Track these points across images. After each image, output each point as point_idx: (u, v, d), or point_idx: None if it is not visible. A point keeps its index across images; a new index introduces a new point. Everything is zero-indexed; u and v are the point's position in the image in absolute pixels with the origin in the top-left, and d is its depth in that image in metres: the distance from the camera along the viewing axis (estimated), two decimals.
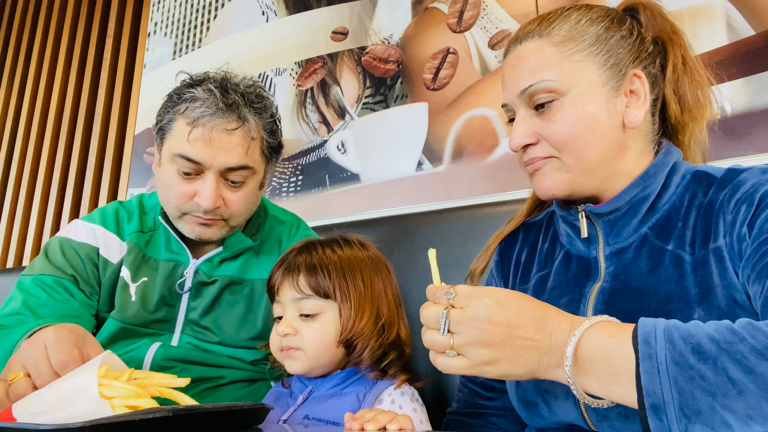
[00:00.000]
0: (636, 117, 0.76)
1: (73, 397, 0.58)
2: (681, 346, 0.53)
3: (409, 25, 1.73)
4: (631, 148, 0.77)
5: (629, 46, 0.77)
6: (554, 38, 0.76)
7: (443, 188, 1.57)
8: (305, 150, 1.87)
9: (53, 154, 2.60)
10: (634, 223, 0.76)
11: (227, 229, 1.08)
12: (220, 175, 1.02)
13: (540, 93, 0.75)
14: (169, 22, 2.36)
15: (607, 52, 0.75)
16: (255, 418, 0.69)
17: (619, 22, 0.78)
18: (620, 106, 0.75)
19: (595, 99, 0.74)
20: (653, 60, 0.79)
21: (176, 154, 1.01)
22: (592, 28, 0.76)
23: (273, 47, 2.03)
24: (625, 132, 0.76)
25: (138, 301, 1.08)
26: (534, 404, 0.78)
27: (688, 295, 0.68)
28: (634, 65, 0.76)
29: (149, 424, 0.54)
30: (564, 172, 0.76)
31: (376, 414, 0.71)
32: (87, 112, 2.54)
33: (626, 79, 0.76)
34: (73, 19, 2.73)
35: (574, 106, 0.74)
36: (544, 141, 0.76)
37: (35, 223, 2.55)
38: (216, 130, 1.00)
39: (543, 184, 0.78)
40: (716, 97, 0.82)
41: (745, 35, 1.22)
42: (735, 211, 0.69)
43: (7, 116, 2.84)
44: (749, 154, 1.18)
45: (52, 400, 0.59)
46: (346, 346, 0.90)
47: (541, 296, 0.82)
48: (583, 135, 0.74)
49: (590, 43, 0.75)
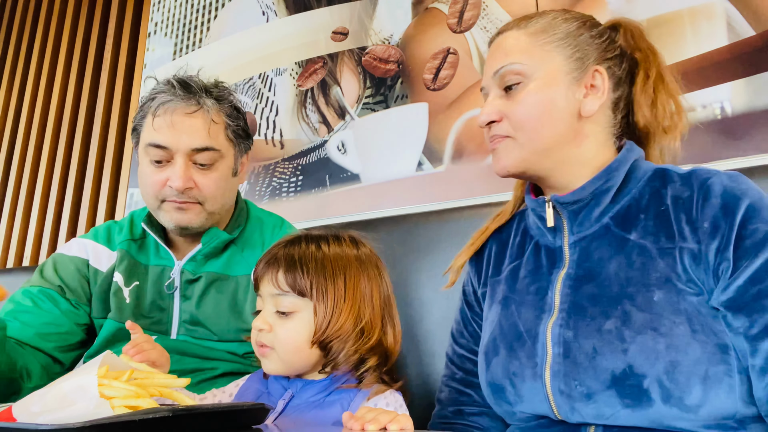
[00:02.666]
0: (591, 107, 0.82)
1: (73, 397, 0.58)
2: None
3: (409, 26, 1.73)
4: (588, 138, 0.83)
5: (596, 45, 0.84)
6: (530, 29, 0.84)
7: (443, 188, 1.57)
8: (305, 150, 1.87)
9: (53, 154, 2.60)
10: (596, 213, 0.81)
11: (204, 215, 1.10)
12: (188, 158, 1.07)
13: (509, 74, 0.82)
14: (169, 22, 2.36)
15: (575, 47, 0.83)
16: (255, 418, 0.69)
17: (591, 26, 0.86)
18: (578, 96, 0.82)
19: (556, 85, 0.81)
20: (620, 63, 0.86)
21: (146, 145, 1.08)
22: (564, 25, 0.84)
23: (273, 47, 2.03)
24: (581, 121, 0.82)
25: (132, 303, 1.13)
26: (501, 388, 0.82)
27: (648, 280, 0.74)
28: (598, 62, 0.84)
29: (149, 424, 0.54)
30: (518, 151, 0.83)
31: (377, 414, 0.71)
32: (87, 112, 2.54)
33: (588, 73, 0.83)
34: (73, 19, 2.73)
35: (536, 89, 0.81)
36: (506, 120, 0.83)
37: (35, 223, 2.55)
38: (177, 114, 1.07)
39: (499, 162, 0.85)
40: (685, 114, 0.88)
41: (745, 35, 1.22)
42: (713, 223, 0.73)
43: (7, 116, 2.84)
44: (749, 154, 1.18)
45: (52, 400, 0.59)
46: (322, 347, 0.86)
47: (514, 285, 0.87)
48: (539, 116, 0.81)
49: (560, 37, 0.83)
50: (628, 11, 1.36)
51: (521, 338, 0.81)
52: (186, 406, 0.62)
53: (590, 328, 0.74)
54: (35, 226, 2.55)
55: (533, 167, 0.83)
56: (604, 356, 0.72)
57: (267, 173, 1.94)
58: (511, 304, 0.85)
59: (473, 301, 0.97)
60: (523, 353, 0.80)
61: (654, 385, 0.69)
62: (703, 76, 1.25)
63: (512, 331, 0.83)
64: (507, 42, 0.85)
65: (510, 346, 0.82)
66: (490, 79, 0.85)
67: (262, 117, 2.00)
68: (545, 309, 0.80)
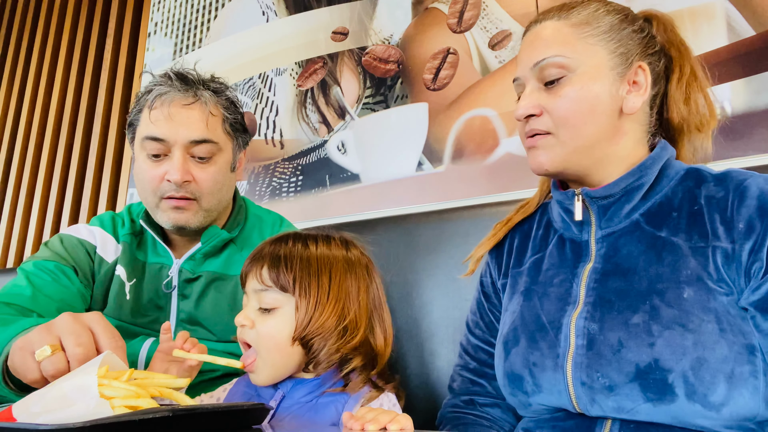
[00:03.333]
0: (634, 104, 0.80)
1: (73, 397, 0.58)
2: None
3: (409, 26, 1.73)
4: (627, 135, 0.81)
5: (639, 40, 0.82)
6: (572, 20, 0.81)
7: (443, 188, 1.57)
8: (305, 150, 1.87)
9: (53, 154, 2.60)
10: (626, 209, 0.80)
11: (202, 214, 1.08)
12: (186, 151, 1.05)
13: (551, 67, 0.79)
14: (169, 22, 2.36)
15: (618, 41, 0.81)
16: (255, 418, 0.69)
17: (632, 19, 0.83)
18: (622, 92, 0.80)
19: (600, 81, 0.79)
20: (659, 59, 0.84)
21: (143, 138, 1.06)
22: (608, 18, 0.82)
23: (273, 47, 2.03)
24: (622, 118, 0.80)
25: (132, 300, 1.11)
26: (519, 378, 0.81)
27: (679, 277, 0.73)
28: (641, 58, 0.82)
29: (149, 424, 0.54)
30: (558, 149, 0.80)
31: (377, 414, 0.71)
32: (87, 112, 2.54)
33: (632, 69, 0.81)
34: (73, 19, 2.73)
35: (580, 84, 0.79)
36: (547, 114, 0.80)
37: (35, 223, 2.55)
38: (174, 106, 1.05)
39: (538, 159, 0.82)
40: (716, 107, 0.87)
41: (745, 35, 1.22)
42: (747, 222, 0.72)
43: (7, 116, 2.84)
44: (749, 154, 1.18)
45: (52, 400, 0.59)
46: (303, 345, 0.85)
47: (537, 277, 0.86)
48: (583, 112, 0.78)
49: (604, 30, 0.81)
50: None
51: (543, 329, 0.80)
52: (186, 406, 0.62)
53: (616, 322, 0.74)
54: (35, 226, 2.55)
55: (572, 167, 0.81)
56: (629, 349, 0.71)
57: (267, 173, 1.94)
58: (534, 296, 0.85)
59: (491, 293, 0.96)
60: (545, 344, 0.79)
61: (679, 380, 0.68)
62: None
63: (534, 321, 0.82)
64: (547, 32, 0.82)
65: (531, 336, 0.81)
66: (528, 71, 0.82)
67: (262, 117, 2.00)
68: (569, 301, 0.80)
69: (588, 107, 0.78)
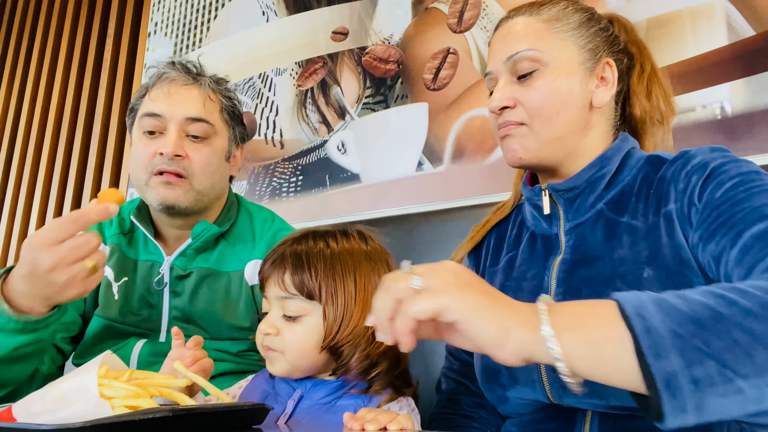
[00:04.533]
0: (603, 98, 0.84)
1: (73, 397, 0.58)
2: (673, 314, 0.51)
3: (409, 26, 1.73)
4: (594, 128, 0.84)
5: (605, 38, 0.86)
6: (543, 16, 0.85)
7: (443, 188, 1.57)
8: (305, 150, 1.87)
9: (53, 154, 2.60)
10: (591, 200, 0.82)
11: (193, 194, 1.08)
12: (181, 128, 1.07)
13: (524, 61, 0.82)
14: (169, 22, 2.36)
15: (587, 38, 0.84)
16: (255, 418, 0.69)
17: (598, 18, 0.88)
18: (591, 86, 0.83)
19: (572, 74, 0.82)
20: (623, 57, 0.88)
21: (141, 116, 1.09)
22: (577, 15, 0.85)
23: (273, 47, 2.03)
24: (591, 111, 0.84)
25: (121, 299, 1.11)
26: (496, 372, 0.81)
27: (639, 257, 0.74)
28: (608, 54, 0.86)
29: (149, 424, 0.54)
30: (532, 139, 0.83)
31: (377, 414, 0.71)
32: (87, 112, 2.54)
33: (600, 65, 0.84)
34: (73, 19, 2.73)
35: (553, 77, 0.81)
36: (521, 106, 0.82)
37: (35, 223, 2.55)
38: (174, 85, 1.09)
39: (512, 147, 0.84)
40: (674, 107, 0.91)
41: (745, 35, 1.22)
42: (686, 180, 0.75)
43: (7, 116, 2.84)
44: (749, 154, 1.18)
45: (52, 401, 0.59)
46: (332, 352, 0.82)
47: (510, 274, 0.88)
48: (555, 104, 0.81)
49: (573, 27, 0.84)
50: (628, 11, 1.35)
51: None
52: (186, 406, 0.62)
53: None
54: (35, 226, 2.55)
55: (546, 158, 0.84)
56: None
57: (267, 173, 1.94)
58: (508, 291, 0.84)
59: None
60: None
61: None
62: (703, 76, 1.25)
63: None
64: (519, 27, 0.85)
65: None
66: (501, 65, 0.84)
67: (262, 117, 2.00)
68: (541, 293, 0.80)
69: (560, 99, 0.81)
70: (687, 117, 1.26)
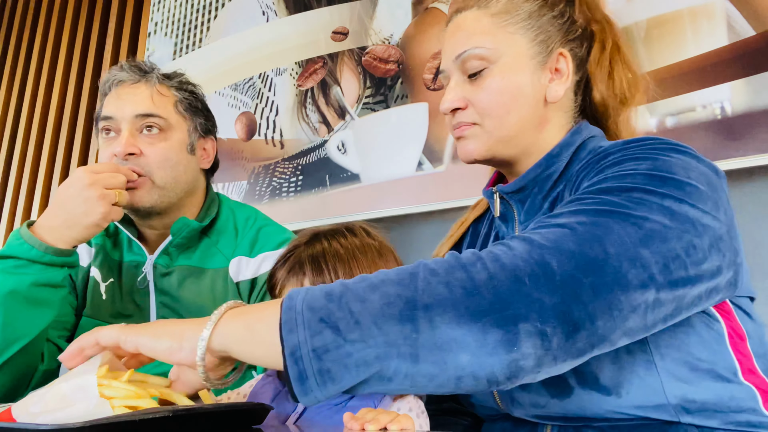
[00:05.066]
0: (557, 93, 0.80)
1: (73, 398, 0.58)
2: (316, 293, 0.56)
3: (409, 25, 1.73)
4: (551, 123, 0.81)
5: (559, 26, 0.81)
6: (491, 10, 0.81)
7: (443, 188, 1.57)
8: (305, 150, 1.87)
9: (53, 154, 2.60)
10: (538, 200, 0.80)
11: (156, 192, 1.08)
12: (132, 126, 1.09)
13: (472, 59, 0.79)
14: (169, 22, 2.36)
15: (538, 29, 0.80)
16: (255, 418, 0.69)
17: (552, 4, 0.82)
18: (544, 81, 0.80)
19: (521, 70, 0.79)
20: (581, 43, 0.83)
21: (97, 121, 1.12)
22: (527, 5, 0.81)
23: (273, 47, 2.03)
24: (546, 106, 0.80)
25: (108, 300, 1.12)
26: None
27: None
28: (562, 44, 0.81)
29: (149, 424, 0.54)
30: (485, 138, 0.80)
31: (377, 414, 0.71)
32: (87, 112, 2.54)
33: (552, 56, 0.80)
34: (73, 19, 2.73)
35: (501, 75, 0.79)
36: (472, 107, 0.80)
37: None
38: (122, 86, 1.12)
39: (465, 148, 0.82)
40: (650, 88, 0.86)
41: (745, 35, 1.22)
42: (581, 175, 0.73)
43: (7, 116, 2.84)
44: (749, 154, 1.18)
45: (52, 401, 0.59)
46: None
47: None
48: (506, 102, 0.79)
49: (523, 18, 0.80)
50: (628, 11, 1.35)
51: None
52: (186, 406, 0.62)
53: None
54: None
55: (499, 155, 0.82)
56: None
57: (267, 173, 1.94)
58: None
59: None
60: None
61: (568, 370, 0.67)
62: (703, 76, 1.25)
63: None
64: (467, 23, 0.82)
65: None
66: (452, 63, 0.82)
67: (262, 117, 2.00)
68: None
69: (510, 98, 0.79)
70: (687, 117, 1.26)
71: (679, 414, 0.66)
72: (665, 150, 0.67)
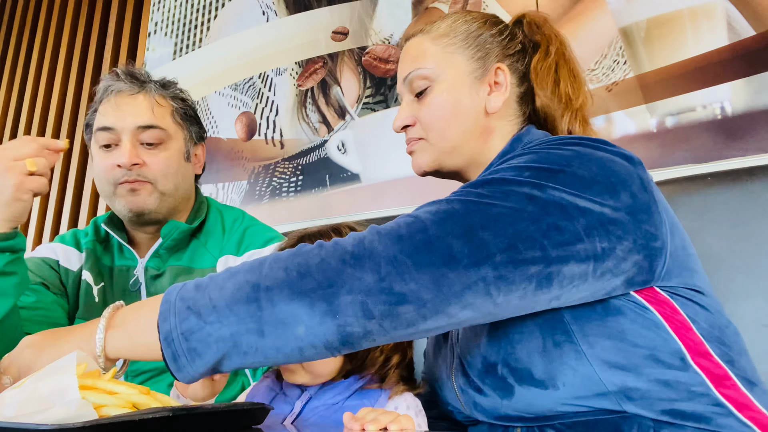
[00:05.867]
0: (495, 104, 0.85)
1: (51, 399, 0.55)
2: (189, 285, 0.63)
3: (409, 25, 1.73)
4: (494, 132, 0.86)
5: (497, 43, 0.87)
6: (432, 34, 0.88)
7: (443, 188, 1.57)
8: (305, 150, 1.87)
9: None
10: None
11: (157, 196, 1.10)
12: (134, 137, 1.09)
13: (417, 80, 0.86)
14: (169, 22, 2.36)
15: (476, 47, 0.86)
16: (255, 419, 0.69)
17: (491, 24, 0.89)
18: (482, 94, 0.85)
19: (460, 86, 0.85)
20: (522, 57, 0.88)
21: (95, 131, 1.11)
22: (464, 26, 0.88)
23: (273, 47, 2.03)
24: (488, 117, 0.85)
25: (101, 303, 1.13)
26: (433, 389, 0.88)
27: None
28: (499, 60, 0.86)
29: (149, 424, 0.54)
30: (430, 151, 0.87)
31: (378, 414, 0.71)
32: (87, 112, 2.54)
33: (490, 71, 0.86)
34: (73, 19, 2.73)
35: (441, 92, 0.85)
36: (419, 123, 0.87)
37: (35, 223, 2.55)
38: (120, 96, 1.11)
39: (415, 162, 0.89)
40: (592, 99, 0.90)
41: (745, 35, 1.22)
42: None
43: (7, 116, 2.84)
44: (749, 154, 1.18)
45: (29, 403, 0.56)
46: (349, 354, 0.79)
47: None
48: (445, 116, 0.84)
49: (461, 39, 0.87)
50: (628, 11, 1.36)
51: (439, 343, 0.88)
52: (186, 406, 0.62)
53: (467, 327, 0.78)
54: (35, 226, 2.55)
55: (446, 165, 0.87)
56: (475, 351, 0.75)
57: (267, 173, 1.94)
58: None
59: None
60: (441, 356, 0.86)
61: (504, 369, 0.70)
62: (703, 76, 1.25)
63: (435, 336, 0.90)
64: (412, 48, 0.89)
65: (435, 350, 0.89)
66: (402, 86, 0.89)
67: (262, 117, 2.00)
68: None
69: (449, 111, 0.84)
70: (687, 117, 1.26)
71: (621, 402, 0.65)
72: (558, 144, 0.71)
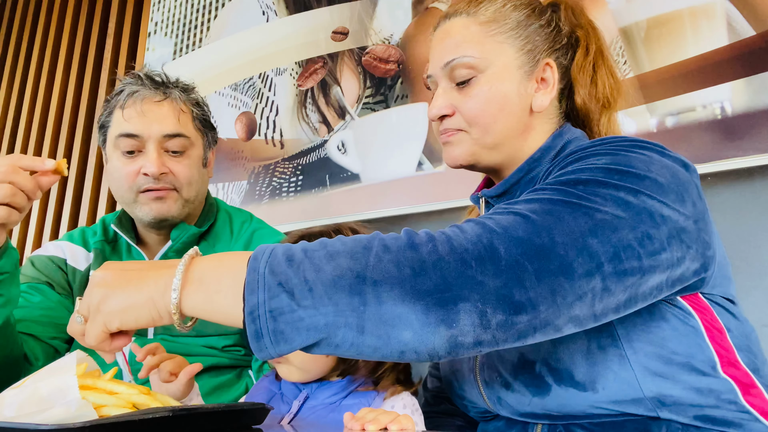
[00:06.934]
0: (542, 102, 0.81)
1: (52, 399, 0.55)
2: (279, 257, 0.57)
3: (409, 25, 1.73)
4: (535, 129, 0.82)
5: (546, 35, 0.83)
6: (480, 18, 0.81)
7: (443, 188, 1.57)
8: (305, 150, 1.87)
9: (53, 154, 2.60)
10: None
11: (181, 202, 1.11)
12: (159, 145, 1.08)
13: (461, 68, 0.80)
14: (169, 22, 2.36)
15: (525, 38, 0.81)
16: (255, 419, 0.69)
17: (539, 13, 0.84)
18: (530, 90, 0.81)
19: (509, 80, 0.80)
20: (566, 52, 0.84)
21: (117, 136, 1.09)
22: (515, 14, 0.82)
23: (273, 47, 2.02)
24: (532, 115, 0.82)
25: None
26: (450, 383, 0.86)
27: None
28: (548, 54, 0.82)
29: (149, 424, 0.54)
30: (470, 145, 0.82)
31: (378, 414, 0.71)
32: (87, 112, 2.54)
33: (539, 66, 0.81)
34: (73, 19, 2.73)
35: (489, 84, 0.80)
36: (459, 114, 0.81)
37: (35, 223, 2.55)
38: (146, 103, 1.09)
39: (451, 154, 0.83)
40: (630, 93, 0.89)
41: (745, 35, 1.22)
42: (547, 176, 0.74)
43: (7, 116, 2.84)
44: (749, 154, 1.18)
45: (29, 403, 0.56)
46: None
47: None
48: (492, 112, 0.80)
49: (511, 27, 0.81)
50: (628, 11, 1.35)
51: None
52: (186, 406, 0.62)
53: None
54: (35, 226, 2.55)
55: (483, 161, 0.83)
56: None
57: (267, 173, 1.94)
58: None
59: None
60: None
61: (543, 368, 0.69)
62: (703, 76, 1.25)
63: None
64: (456, 30, 0.82)
65: None
66: (440, 70, 0.83)
67: (262, 117, 2.00)
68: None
69: (497, 107, 0.80)
70: (687, 117, 1.26)
71: (656, 408, 0.66)
72: (628, 147, 0.68)
